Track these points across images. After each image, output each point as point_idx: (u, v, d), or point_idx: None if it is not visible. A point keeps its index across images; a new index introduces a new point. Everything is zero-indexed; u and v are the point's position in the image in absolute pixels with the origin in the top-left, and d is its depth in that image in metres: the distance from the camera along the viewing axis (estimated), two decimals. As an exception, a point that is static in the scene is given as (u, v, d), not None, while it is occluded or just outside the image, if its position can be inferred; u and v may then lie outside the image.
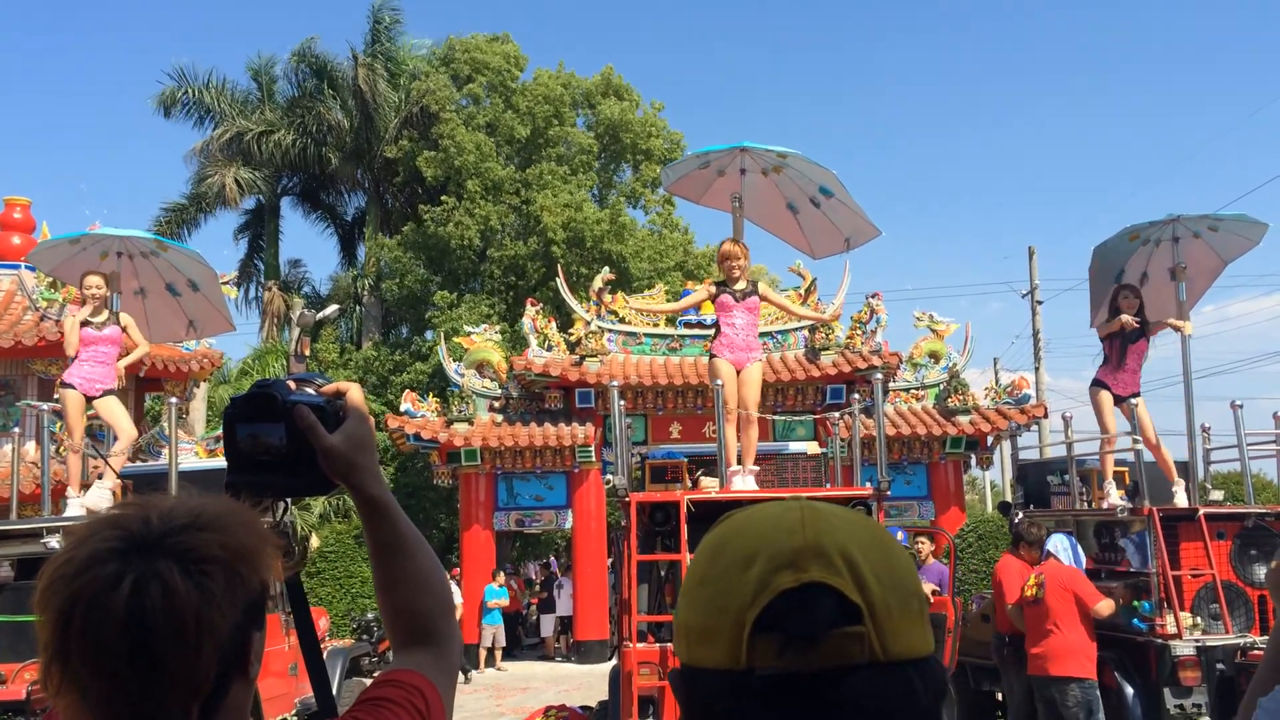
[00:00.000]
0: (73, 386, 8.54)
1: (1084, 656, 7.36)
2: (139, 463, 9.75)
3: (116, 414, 8.72)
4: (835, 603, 0.81)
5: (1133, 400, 8.79)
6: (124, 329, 8.73)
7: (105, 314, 8.66)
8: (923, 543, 9.71)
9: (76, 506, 8.56)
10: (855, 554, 0.83)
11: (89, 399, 8.62)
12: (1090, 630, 7.41)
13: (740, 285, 8.40)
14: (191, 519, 1.11)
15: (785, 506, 0.88)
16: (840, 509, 0.89)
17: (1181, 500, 8.42)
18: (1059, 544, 7.79)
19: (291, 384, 1.38)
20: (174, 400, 9.14)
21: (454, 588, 16.21)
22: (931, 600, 9.04)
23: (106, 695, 1.04)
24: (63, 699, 1.05)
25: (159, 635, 1.04)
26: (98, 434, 12.18)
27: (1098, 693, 7.31)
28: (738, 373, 8.33)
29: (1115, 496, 8.45)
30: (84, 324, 8.59)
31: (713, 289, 8.52)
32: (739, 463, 8.23)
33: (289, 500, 1.43)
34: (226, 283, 12.04)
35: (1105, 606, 7.36)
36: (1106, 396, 8.73)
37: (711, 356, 8.48)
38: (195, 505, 1.14)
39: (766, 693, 0.81)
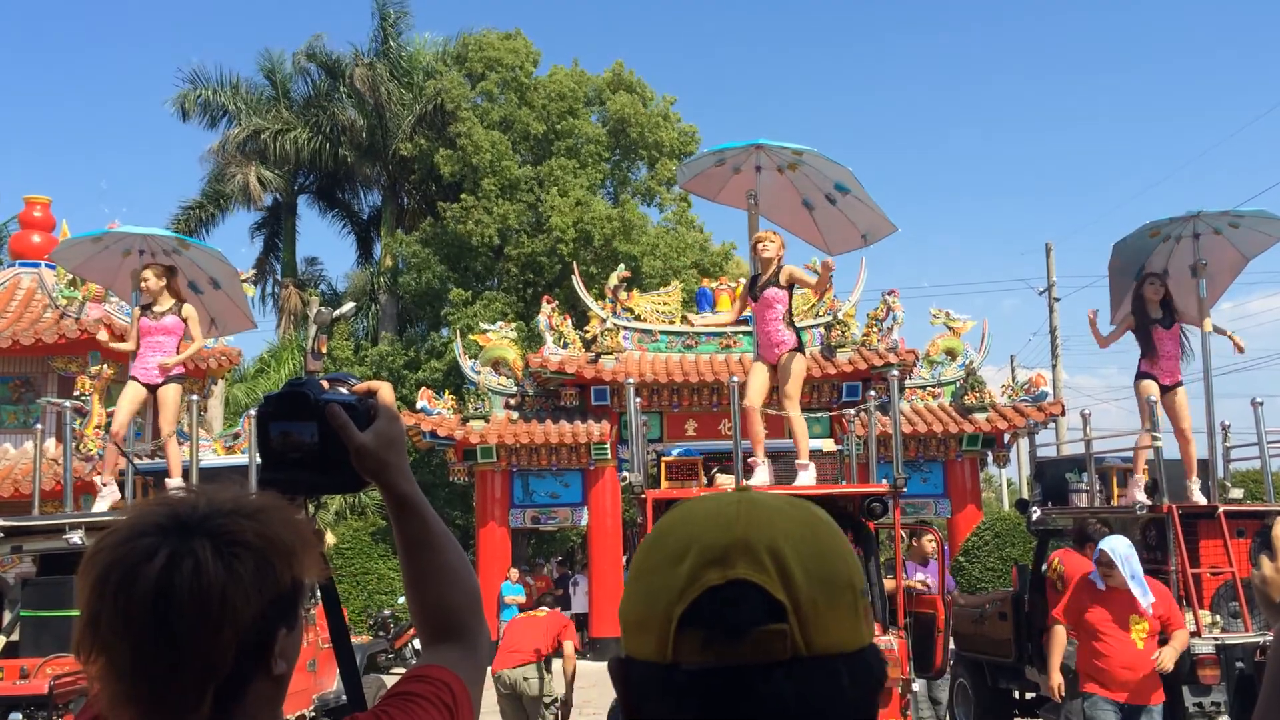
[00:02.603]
0: (135, 379, 8.77)
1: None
2: (158, 459, 9.80)
3: (167, 407, 8.82)
4: (760, 600, 0.82)
5: (1178, 389, 8.72)
6: (185, 320, 8.87)
7: (168, 304, 8.81)
8: (930, 540, 9.68)
9: (109, 494, 8.66)
10: (785, 550, 0.84)
11: (151, 388, 8.77)
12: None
13: (770, 276, 8.42)
14: (235, 506, 1.16)
15: (724, 500, 0.90)
16: (782, 500, 0.90)
17: (1198, 498, 8.35)
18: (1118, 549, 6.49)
19: (324, 383, 1.40)
20: (194, 398, 9.19)
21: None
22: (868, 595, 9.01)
23: (130, 663, 1.09)
24: (94, 664, 1.11)
25: (183, 609, 1.08)
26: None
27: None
28: (773, 368, 8.34)
29: (1141, 494, 8.34)
30: (142, 315, 8.80)
31: (742, 289, 8.54)
32: (765, 457, 8.24)
33: (319, 498, 1.45)
34: (245, 280, 12.09)
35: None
36: (1151, 386, 8.55)
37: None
38: (242, 495, 1.18)
39: (691, 687, 0.83)
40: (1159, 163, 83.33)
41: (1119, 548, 6.44)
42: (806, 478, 8.19)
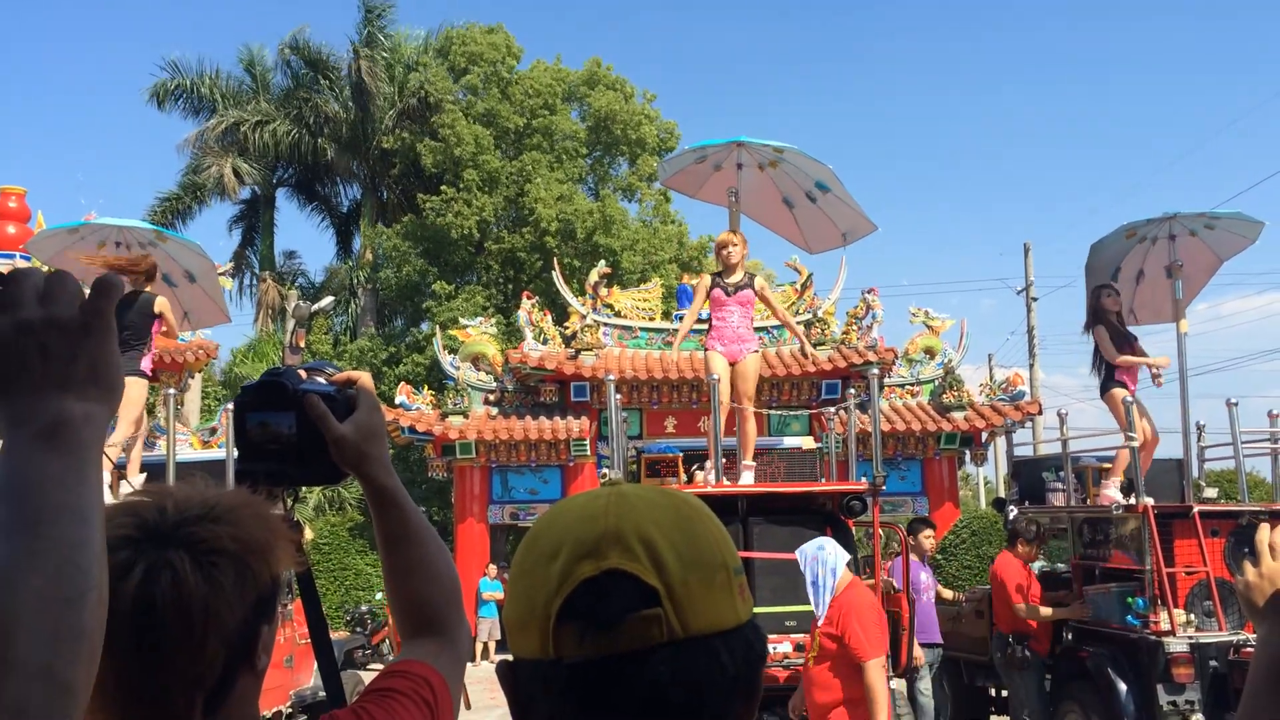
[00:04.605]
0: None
1: None
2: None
3: (127, 400, 8.69)
4: (633, 587, 0.83)
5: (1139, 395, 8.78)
6: (159, 314, 8.70)
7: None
8: (927, 537, 9.73)
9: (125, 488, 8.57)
10: (655, 536, 0.85)
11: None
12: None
13: (736, 277, 8.39)
14: (205, 510, 1.12)
15: (594, 495, 0.91)
16: (650, 490, 0.92)
17: (1115, 495, 8.34)
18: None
19: (302, 373, 1.37)
20: (171, 391, 9.12)
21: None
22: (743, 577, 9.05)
23: (114, 681, 1.05)
24: None
25: (166, 624, 1.05)
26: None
27: None
28: (732, 365, 8.33)
29: (1116, 493, 8.43)
30: None
31: (708, 281, 8.51)
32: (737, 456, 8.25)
33: (296, 490, 1.43)
34: (223, 274, 12.01)
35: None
36: (1123, 394, 8.65)
37: (706, 350, 8.45)
38: (210, 496, 1.14)
39: (571, 680, 0.84)
40: (1138, 164, 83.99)
41: (808, 549, 5.43)
42: (749, 477, 8.21)
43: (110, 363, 0.90)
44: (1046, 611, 8.43)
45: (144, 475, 8.57)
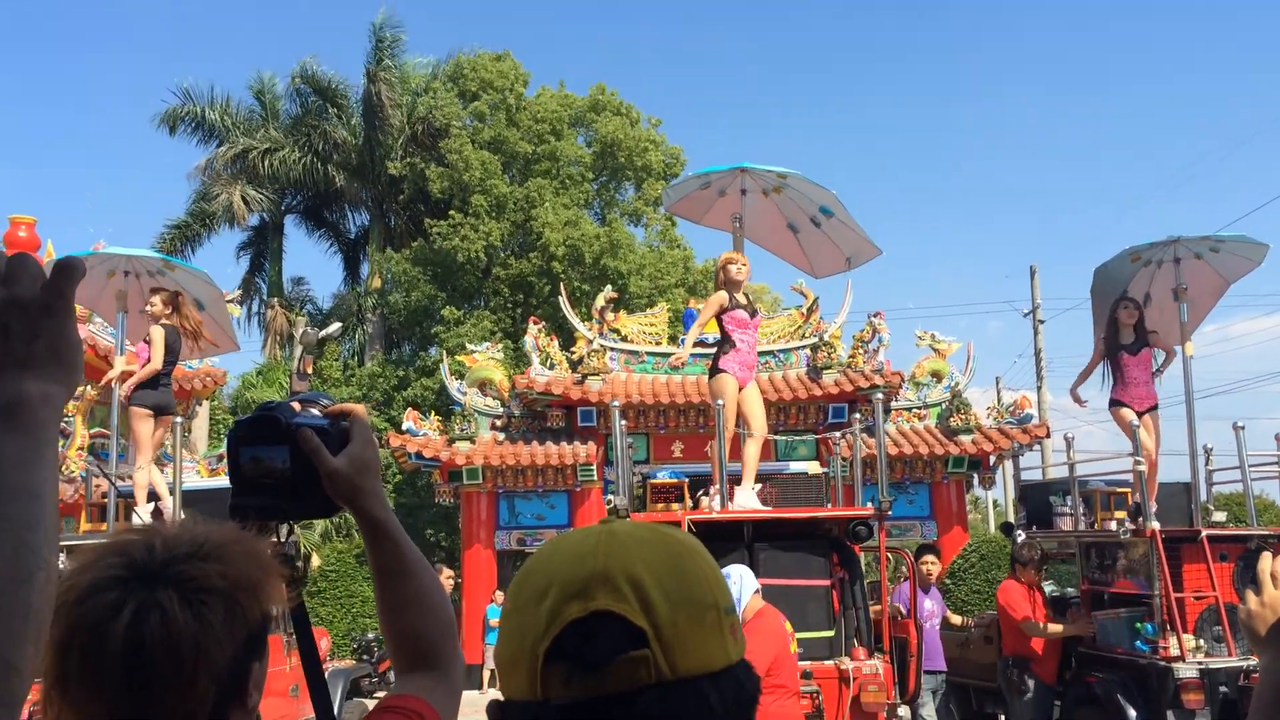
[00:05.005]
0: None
1: None
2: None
3: (129, 432, 8.84)
4: (621, 629, 0.83)
5: (1150, 414, 8.73)
6: (147, 342, 8.88)
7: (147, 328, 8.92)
8: (925, 564, 9.68)
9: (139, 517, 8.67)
10: (644, 577, 0.85)
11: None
12: None
13: (741, 296, 8.39)
14: (194, 548, 1.12)
15: (585, 533, 0.91)
16: (642, 529, 0.91)
17: (1154, 524, 8.17)
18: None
19: (296, 405, 1.38)
20: (178, 419, 9.15)
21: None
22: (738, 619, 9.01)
23: None
24: None
25: (156, 664, 1.05)
26: (101, 453, 12.20)
27: None
28: (740, 389, 8.31)
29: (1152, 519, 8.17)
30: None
31: (724, 298, 8.37)
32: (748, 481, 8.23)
33: (292, 523, 1.44)
34: (231, 301, 12.06)
35: None
36: (1128, 414, 8.62)
37: (719, 371, 8.30)
38: (199, 534, 1.14)
39: None
40: (1143, 186, 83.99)
41: (732, 573, 5.63)
42: (750, 500, 8.18)
43: (70, 343, 0.91)
44: (1055, 628, 8.39)
45: (154, 505, 8.61)
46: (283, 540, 1.37)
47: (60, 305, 0.90)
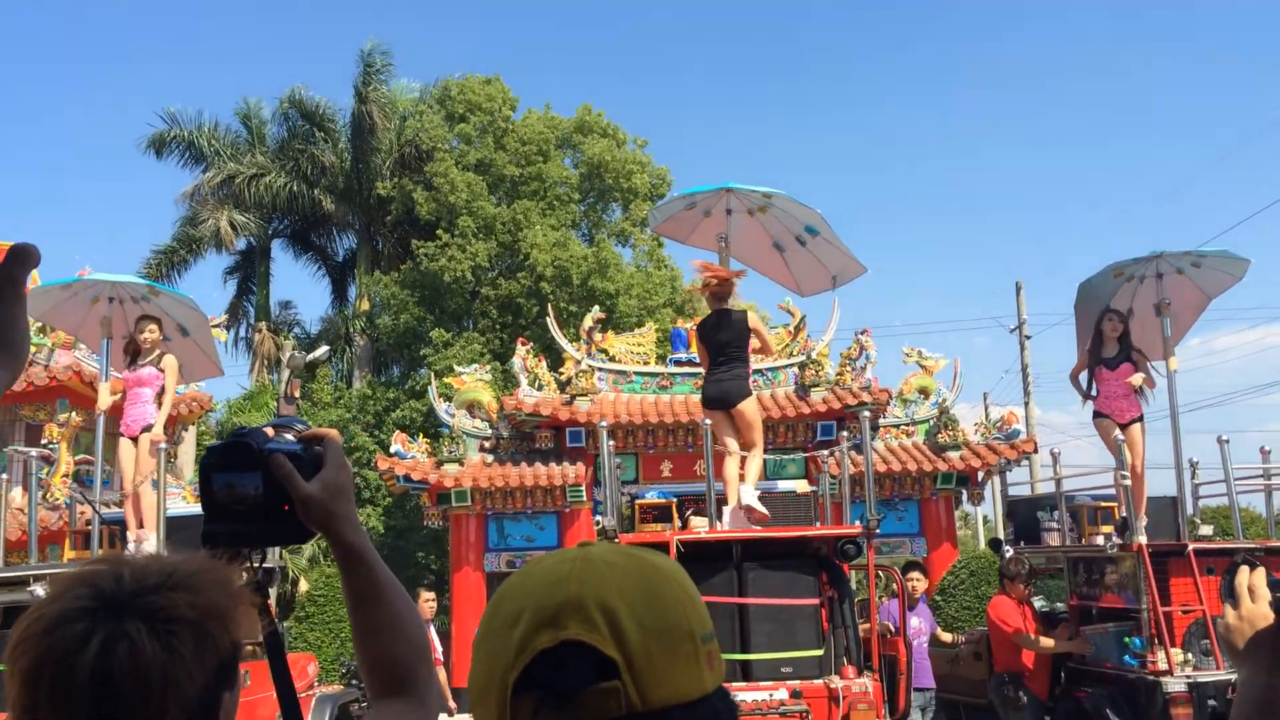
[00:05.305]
0: (121, 434, 8.86)
1: None
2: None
3: (141, 457, 8.82)
4: (592, 659, 0.81)
5: (1132, 426, 8.76)
6: (162, 370, 8.90)
7: (152, 355, 8.90)
8: (910, 580, 9.68)
9: (133, 543, 8.64)
10: (617, 605, 0.83)
11: (134, 439, 8.82)
12: None
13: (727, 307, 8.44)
14: (163, 578, 1.11)
15: (561, 558, 0.89)
16: (619, 554, 0.90)
17: (1141, 538, 8.16)
18: None
19: (269, 430, 1.38)
20: (163, 445, 9.11)
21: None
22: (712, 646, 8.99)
23: None
24: None
25: (125, 695, 1.04)
26: (85, 479, 12.12)
27: None
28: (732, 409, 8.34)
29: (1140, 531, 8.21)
30: (128, 366, 8.88)
31: (696, 330, 8.53)
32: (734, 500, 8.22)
33: (277, 549, 1.43)
34: (217, 326, 12.04)
35: None
36: (1110, 425, 8.67)
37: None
38: (168, 563, 1.14)
39: None
40: (1127, 201, 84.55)
41: None
42: (743, 518, 8.18)
43: (17, 327, 0.91)
44: (1048, 643, 8.39)
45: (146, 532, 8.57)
46: (256, 567, 1.37)
47: (11, 291, 0.90)
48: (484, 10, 65.69)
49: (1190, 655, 7.65)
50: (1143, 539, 7.98)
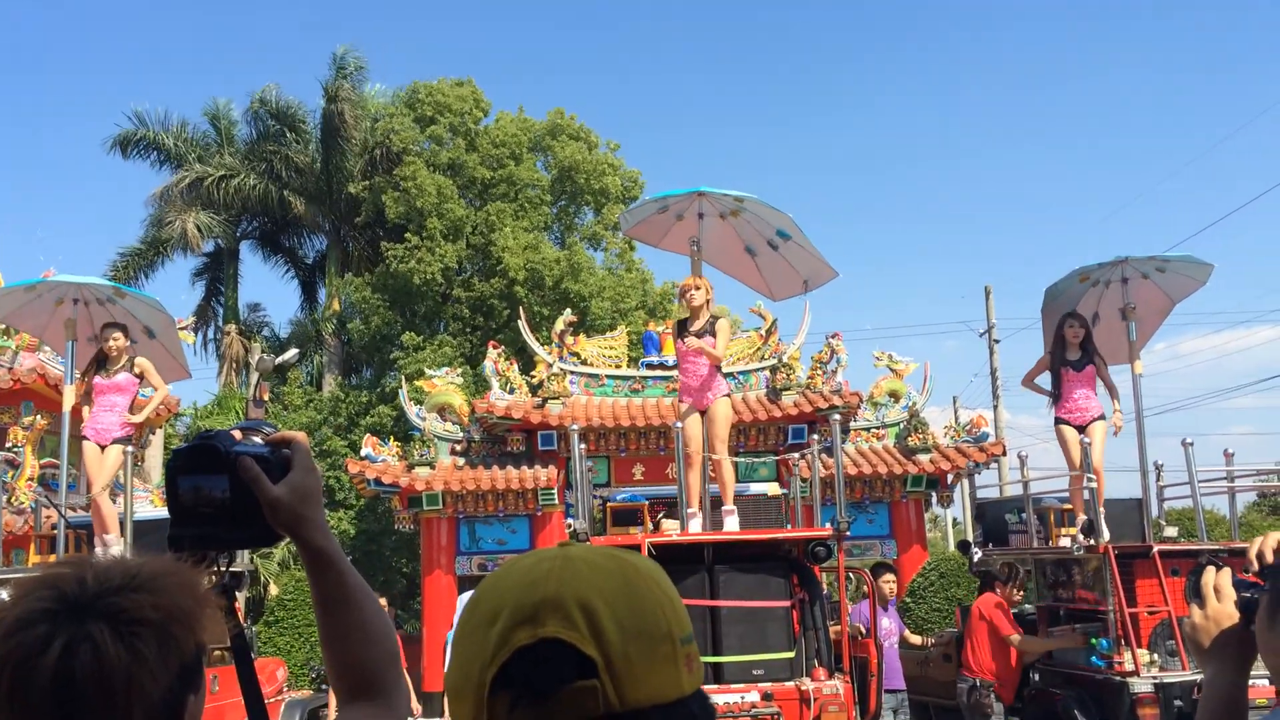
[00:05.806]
0: (87, 438, 8.72)
1: None
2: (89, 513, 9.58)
3: (107, 466, 8.72)
4: (570, 657, 0.81)
5: (1091, 426, 8.82)
6: (140, 374, 8.82)
7: (122, 362, 8.79)
8: (885, 581, 9.72)
9: (99, 548, 8.54)
10: (597, 604, 0.83)
11: (104, 448, 8.70)
12: None
13: (700, 322, 8.47)
14: (127, 580, 1.10)
15: (540, 557, 0.89)
16: (599, 555, 0.89)
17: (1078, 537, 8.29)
18: None
19: (237, 433, 1.36)
20: (129, 449, 9.01)
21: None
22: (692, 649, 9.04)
23: None
24: None
25: (88, 698, 1.03)
26: (50, 483, 11.96)
27: None
28: (702, 414, 8.37)
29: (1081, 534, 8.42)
30: (96, 374, 8.76)
31: (672, 332, 8.60)
32: (699, 506, 8.24)
33: (246, 552, 1.42)
34: (184, 328, 11.91)
35: None
36: (1068, 432, 8.74)
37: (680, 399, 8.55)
38: (132, 566, 1.13)
39: None
40: (1095, 207, 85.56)
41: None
42: (732, 523, 8.23)
43: None
44: (1047, 643, 8.43)
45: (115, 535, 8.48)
46: (222, 570, 1.36)
47: None
48: (458, 15, 65.54)
49: (1156, 656, 7.74)
50: (1105, 537, 8.06)
